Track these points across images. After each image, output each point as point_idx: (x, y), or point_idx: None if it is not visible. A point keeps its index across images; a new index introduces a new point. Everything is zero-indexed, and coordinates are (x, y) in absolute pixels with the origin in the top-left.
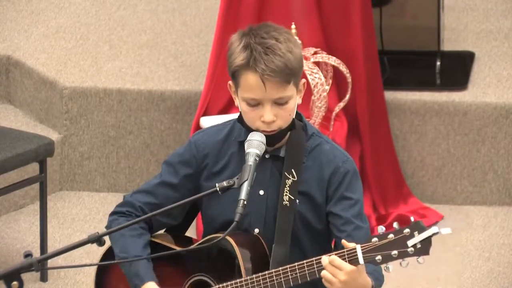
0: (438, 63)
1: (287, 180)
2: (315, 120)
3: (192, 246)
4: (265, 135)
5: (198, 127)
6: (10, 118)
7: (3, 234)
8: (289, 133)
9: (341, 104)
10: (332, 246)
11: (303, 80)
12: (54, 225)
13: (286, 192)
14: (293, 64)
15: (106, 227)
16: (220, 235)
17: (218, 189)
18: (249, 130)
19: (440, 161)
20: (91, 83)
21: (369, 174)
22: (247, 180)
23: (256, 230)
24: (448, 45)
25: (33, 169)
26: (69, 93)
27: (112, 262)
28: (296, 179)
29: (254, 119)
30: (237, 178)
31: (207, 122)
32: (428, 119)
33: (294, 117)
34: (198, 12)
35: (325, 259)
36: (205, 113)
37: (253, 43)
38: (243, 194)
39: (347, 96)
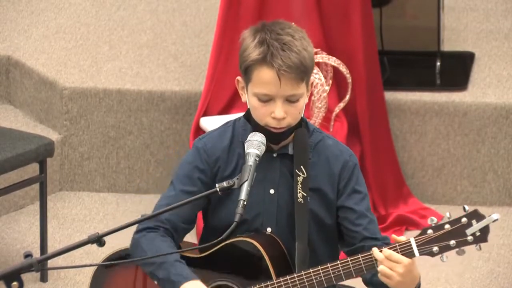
0: (438, 63)
1: (298, 178)
2: (315, 120)
3: (209, 251)
4: (273, 132)
5: (198, 127)
6: (10, 118)
7: (3, 234)
8: (295, 130)
9: (341, 105)
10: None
11: (311, 80)
12: (54, 225)
13: (299, 189)
14: (307, 62)
15: (133, 246)
16: (243, 238)
17: (218, 189)
18: (255, 127)
19: (440, 161)
20: (91, 83)
21: (369, 174)
22: (247, 180)
23: (268, 229)
24: (448, 45)
25: (33, 169)
26: (69, 94)
27: (114, 262)
28: (306, 175)
29: (264, 115)
30: (237, 179)
31: (207, 122)
32: (428, 119)
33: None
34: (198, 12)
35: (379, 254)
36: (205, 113)
37: (269, 39)
38: (243, 195)
39: (347, 96)
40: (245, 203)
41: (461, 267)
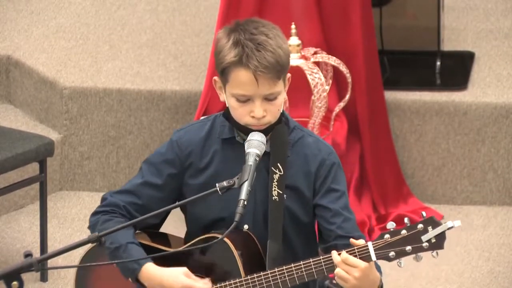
0: (438, 63)
1: (274, 175)
2: (315, 120)
3: (188, 246)
4: (254, 129)
5: None
6: (10, 118)
7: (3, 234)
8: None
9: (341, 104)
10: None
11: (288, 74)
12: (54, 225)
13: (275, 187)
14: (283, 60)
15: (90, 227)
16: (216, 235)
17: (218, 189)
18: (234, 126)
19: (440, 161)
20: (91, 83)
21: (369, 174)
22: (247, 180)
23: (246, 227)
24: (448, 45)
25: (33, 169)
26: (69, 93)
27: (110, 262)
28: (282, 173)
29: (243, 115)
30: (237, 178)
31: None
32: (428, 119)
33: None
34: (198, 12)
35: (336, 257)
36: (205, 113)
37: (243, 39)
38: (243, 194)
39: (347, 96)
40: (245, 203)
41: (461, 266)
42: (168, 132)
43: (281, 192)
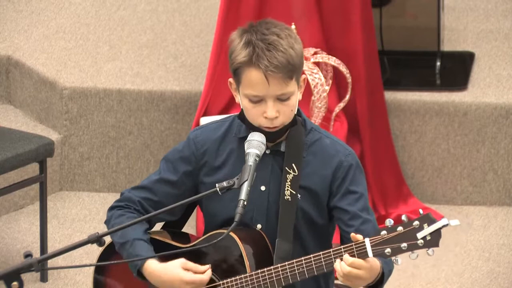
0: (438, 63)
1: (288, 175)
2: (315, 120)
3: (194, 244)
4: (267, 130)
5: None
6: (10, 118)
7: (3, 234)
8: (289, 128)
9: (341, 104)
10: (333, 241)
11: (303, 76)
12: (54, 225)
13: (288, 187)
14: (294, 60)
15: (106, 222)
16: (223, 231)
17: (218, 189)
18: (250, 126)
19: (440, 161)
20: (91, 83)
21: (369, 174)
22: (247, 180)
23: (259, 226)
24: (448, 45)
25: (33, 169)
26: (69, 93)
27: (113, 262)
28: (297, 173)
29: (257, 115)
30: (237, 178)
31: (207, 122)
32: (428, 119)
33: (295, 113)
34: (198, 12)
35: (337, 266)
36: (205, 113)
37: (255, 40)
38: (243, 194)
39: (347, 96)
40: (245, 203)
41: (461, 267)
42: (168, 133)
43: (294, 192)
